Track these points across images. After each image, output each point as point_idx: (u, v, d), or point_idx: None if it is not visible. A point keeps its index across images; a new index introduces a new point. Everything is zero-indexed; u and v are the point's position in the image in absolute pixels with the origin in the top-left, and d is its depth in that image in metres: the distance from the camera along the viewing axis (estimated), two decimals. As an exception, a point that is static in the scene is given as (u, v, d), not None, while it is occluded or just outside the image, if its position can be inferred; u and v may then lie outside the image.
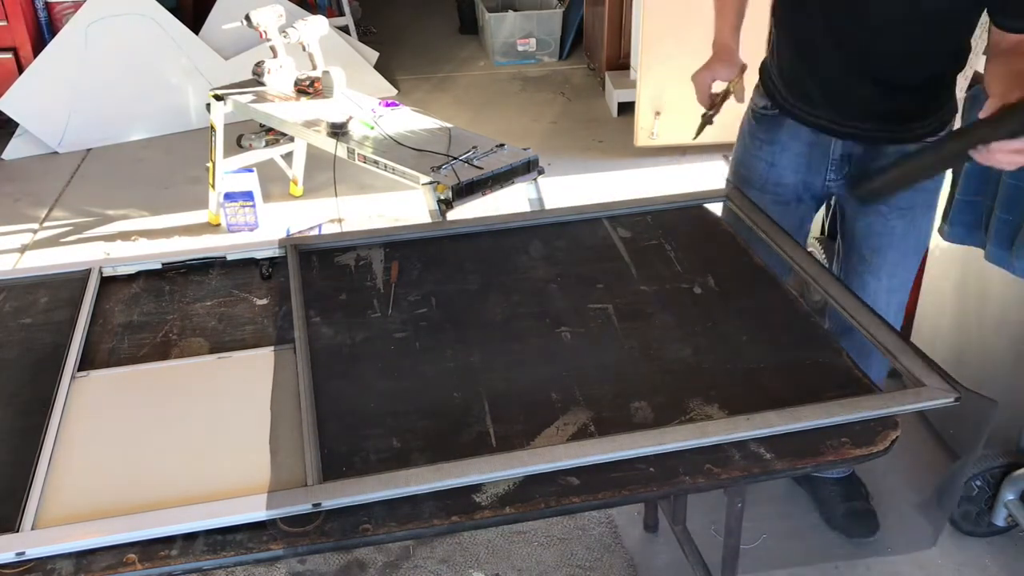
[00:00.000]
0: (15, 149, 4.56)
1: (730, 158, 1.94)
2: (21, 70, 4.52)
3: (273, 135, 3.64)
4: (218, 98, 3.50)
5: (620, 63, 4.79)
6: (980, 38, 2.14)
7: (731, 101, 1.75)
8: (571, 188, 3.80)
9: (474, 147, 2.75)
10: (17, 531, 1.07)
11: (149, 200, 4.06)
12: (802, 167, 1.84)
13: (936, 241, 2.36)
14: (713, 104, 1.75)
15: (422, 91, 5.04)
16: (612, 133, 4.43)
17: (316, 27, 3.52)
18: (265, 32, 3.49)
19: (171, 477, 1.17)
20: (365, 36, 5.71)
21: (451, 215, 2.57)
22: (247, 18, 3.46)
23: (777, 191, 1.87)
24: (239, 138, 3.64)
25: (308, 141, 3.34)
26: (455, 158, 2.69)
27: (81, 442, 1.23)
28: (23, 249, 3.70)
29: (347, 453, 1.20)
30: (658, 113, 4.01)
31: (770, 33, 1.82)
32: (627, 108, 4.45)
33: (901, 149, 1.73)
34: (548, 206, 2.81)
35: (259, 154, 3.70)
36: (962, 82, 2.18)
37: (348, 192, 4.04)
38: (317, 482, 1.13)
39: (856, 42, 1.65)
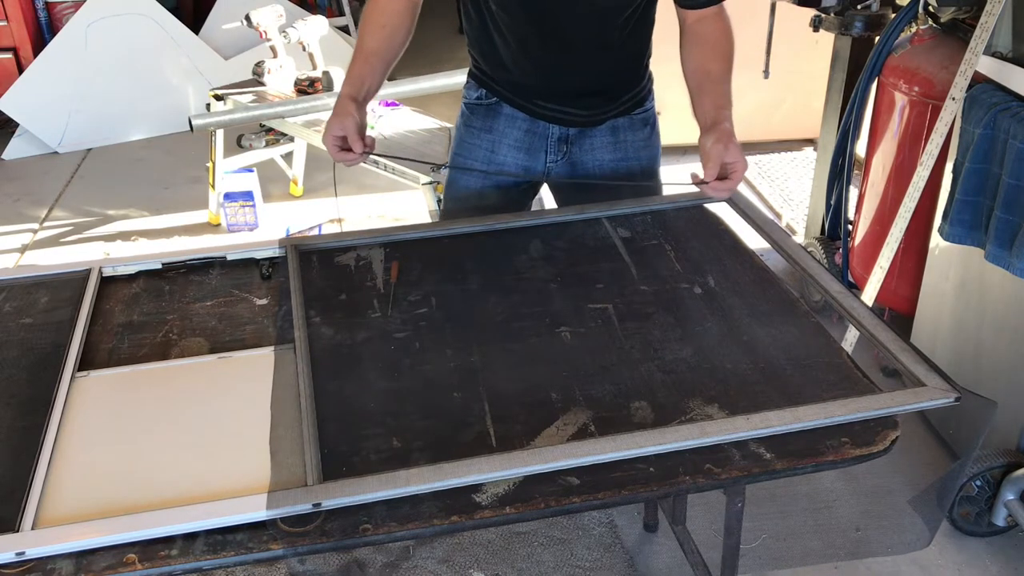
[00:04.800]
0: (15, 149, 4.56)
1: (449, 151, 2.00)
2: (21, 70, 4.52)
3: (273, 135, 3.65)
4: (218, 98, 3.50)
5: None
6: (980, 38, 2.14)
7: None
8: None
9: (474, 147, 2.75)
10: (17, 531, 1.07)
11: (149, 200, 4.06)
12: (522, 152, 1.88)
13: (936, 241, 2.37)
14: (367, 148, 1.69)
15: (422, 91, 5.04)
16: (612, 133, 4.43)
17: (316, 27, 3.52)
18: (265, 32, 3.50)
19: (171, 477, 1.16)
20: (365, 36, 5.70)
21: (451, 215, 2.57)
22: (247, 18, 3.46)
23: (499, 177, 1.91)
24: (239, 138, 3.65)
25: (308, 141, 3.34)
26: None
27: (81, 442, 1.23)
28: (23, 249, 3.70)
29: (347, 453, 1.20)
30: (658, 113, 4.02)
31: (476, 30, 1.82)
32: (627, 108, 4.45)
33: (612, 124, 1.86)
34: (548, 206, 2.81)
35: (259, 154, 3.70)
36: (961, 81, 2.18)
37: (348, 192, 4.04)
38: (317, 482, 1.13)
39: (561, 37, 1.71)
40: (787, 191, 3.96)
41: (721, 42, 1.69)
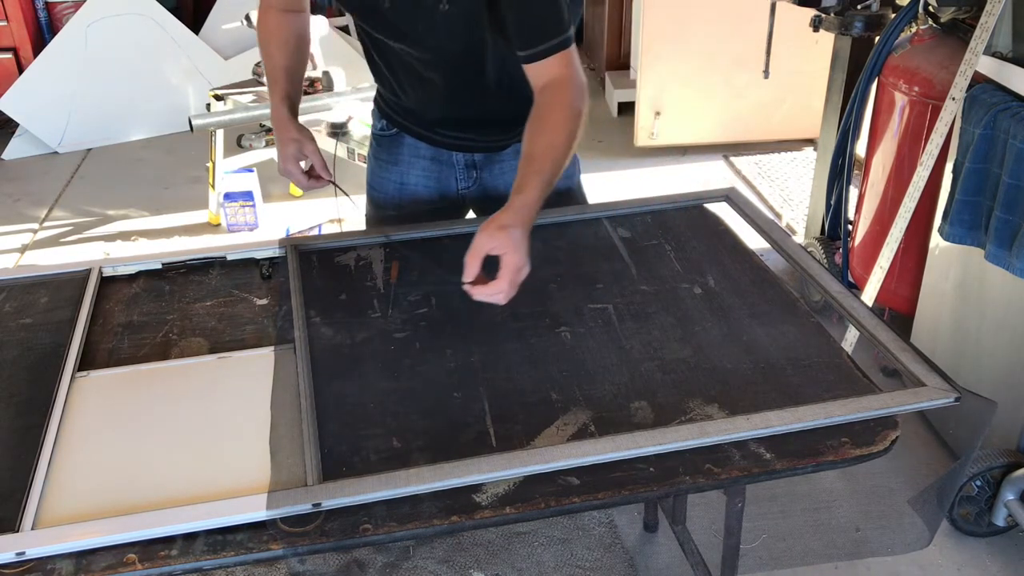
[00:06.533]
0: (15, 149, 4.56)
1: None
2: (21, 70, 4.53)
3: (273, 135, 3.64)
4: (218, 98, 3.50)
5: (620, 63, 4.79)
6: (980, 38, 2.14)
7: None
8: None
9: (474, 147, 2.75)
10: (17, 531, 1.07)
11: (149, 200, 4.07)
12: (432, 181, 1.82)
13: (936, 241, 2.37)
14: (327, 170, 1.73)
15: (422, 91, 5.04)
16: (612, 133, 4.43)
17: (316, 27, 3.52)
18: (265, 32, 3.49)
19: (171, 477, 1.17)
20: (365, 36, 5.70)
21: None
22: (247, 18, 3.46)
23: (414, 208, 1.85)
24: (239, 138, 3.65)
25: (308, 141, 3.34)
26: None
27: (81, 442, 1.23)
28: (23, 249, 3.70)
29: (347, 453, 1.20)
30: (658, 113, 4.02)
31: (369, 57, 1.75)
32: (627, 108, 4.44)
33: (518, 147, 1.68)
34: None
35: (259, 154, 3.70)
36: (961, 81, 2.18)
37: (348, 192, 4.03)
38: (317, 482, 1.13)
39: (430, 72, 1.63)
40: (787, 191, 3.96)
41: (553, 115, 1.49)
